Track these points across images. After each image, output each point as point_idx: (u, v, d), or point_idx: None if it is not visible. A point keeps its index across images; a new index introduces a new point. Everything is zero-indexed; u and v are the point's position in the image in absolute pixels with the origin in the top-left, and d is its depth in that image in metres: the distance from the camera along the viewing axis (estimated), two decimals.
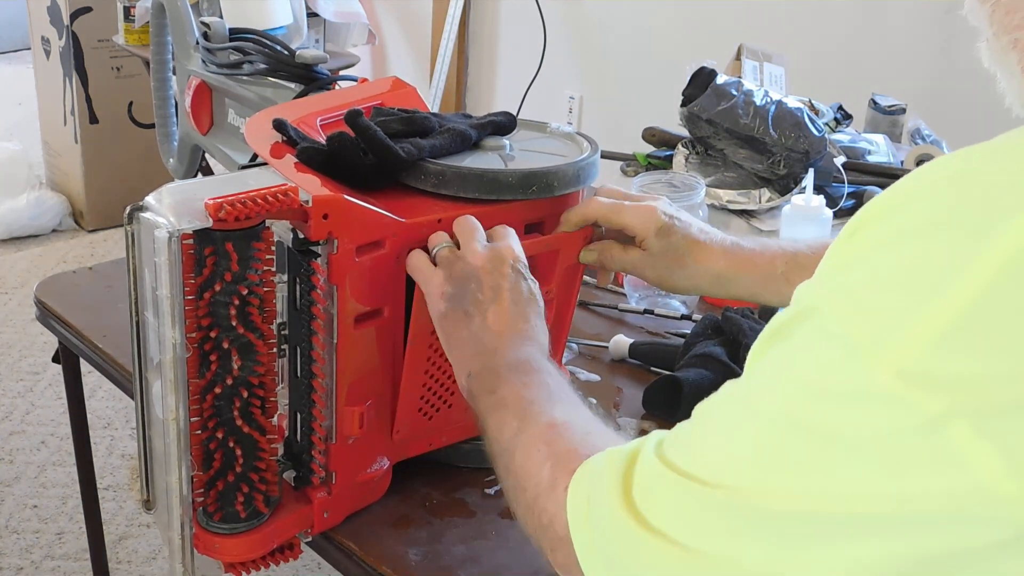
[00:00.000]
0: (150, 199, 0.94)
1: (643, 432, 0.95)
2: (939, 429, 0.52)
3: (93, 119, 3.66)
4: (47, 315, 1.53)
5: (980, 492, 0.52)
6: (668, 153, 2.16)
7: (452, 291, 0.98)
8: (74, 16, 3.57)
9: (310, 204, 0.96)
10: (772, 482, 0.59)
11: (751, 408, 0.63)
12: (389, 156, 1.05)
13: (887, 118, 2.31)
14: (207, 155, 1.65)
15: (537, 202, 1.09)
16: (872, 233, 0.59)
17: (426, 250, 1.03)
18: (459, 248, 1.01)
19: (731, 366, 1.28)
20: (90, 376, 2.02)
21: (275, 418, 1.02)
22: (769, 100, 2.00)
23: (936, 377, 0.53)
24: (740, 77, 2.19)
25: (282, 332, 1.04)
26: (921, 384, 0.53)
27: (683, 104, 2.02)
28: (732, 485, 0.61)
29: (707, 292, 1.16)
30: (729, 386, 0.65)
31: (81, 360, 1.55)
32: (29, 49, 4.01)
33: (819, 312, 0.59)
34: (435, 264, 1.01)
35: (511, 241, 1.02)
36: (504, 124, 1.17)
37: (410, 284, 1.04)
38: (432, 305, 1.00)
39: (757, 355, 0.64)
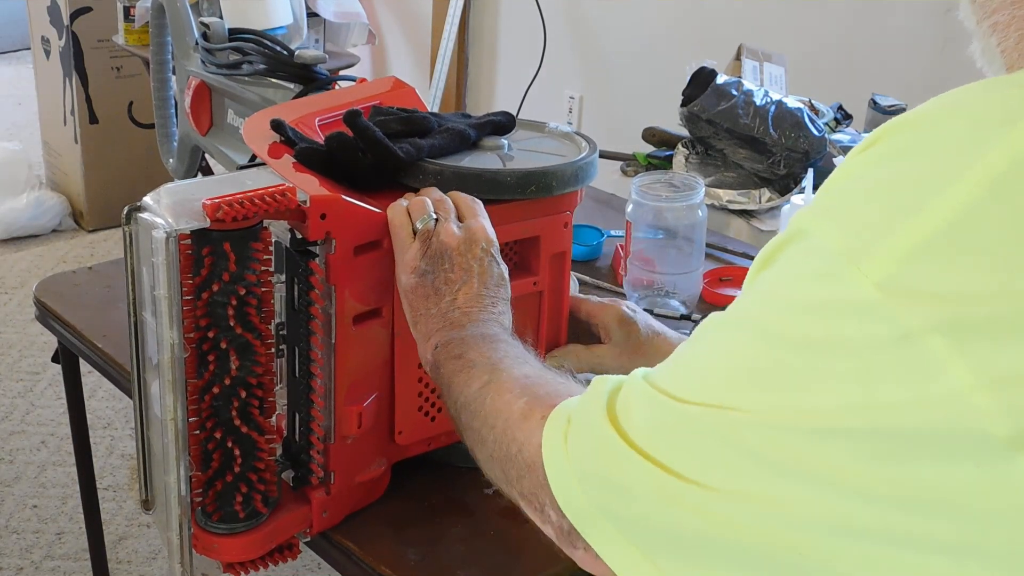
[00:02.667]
0: (148, 199, 0.94)
1: None
2: (915, 341, 0.53)
3: (93, 119, 3.66)
4: (47, 315, 1.53)
5: (952, 402, 0.52)
6: (668, 153, 2.17)
7: (425, 267, 0.99)
8: (74, 16, 3.57)
9: (308, 204, 0.96)
10: (745, 398, 0.59)
11: (731, 327, 0.63)
12: (388, 156, 1.05)
13: (887, 118, 2.29)
14: (207, 155, 1.65)
15: (536, 202, 1.09)
16: (869, 153, 0.60)
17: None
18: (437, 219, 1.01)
19: None
20: (90, 376, 2.02)
21: (273, 418, 1.02)
22: (769, 100, 2.00)
23: (914, 290, 0.53)
24: (740, 77, 2.19)
25: (280, 332, 1.04)
26: (899, 296, 0.54)
27: (683, 104, 2.02)
28: (706, 402, 0.61)
29: None
30: (716, 312, 0.66)
31: (81, 360, 1.55)
32: (29, 49, 4.01)
33: (806, 233, 0.59)
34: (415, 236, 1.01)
35: (483, 221, 1.02)
36: (503, 124, 1.17)
37: None
38: (402, 275, 1.00)
39: (747, 283, 0.65)
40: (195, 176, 1.72)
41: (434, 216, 1.01)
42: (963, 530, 0.54)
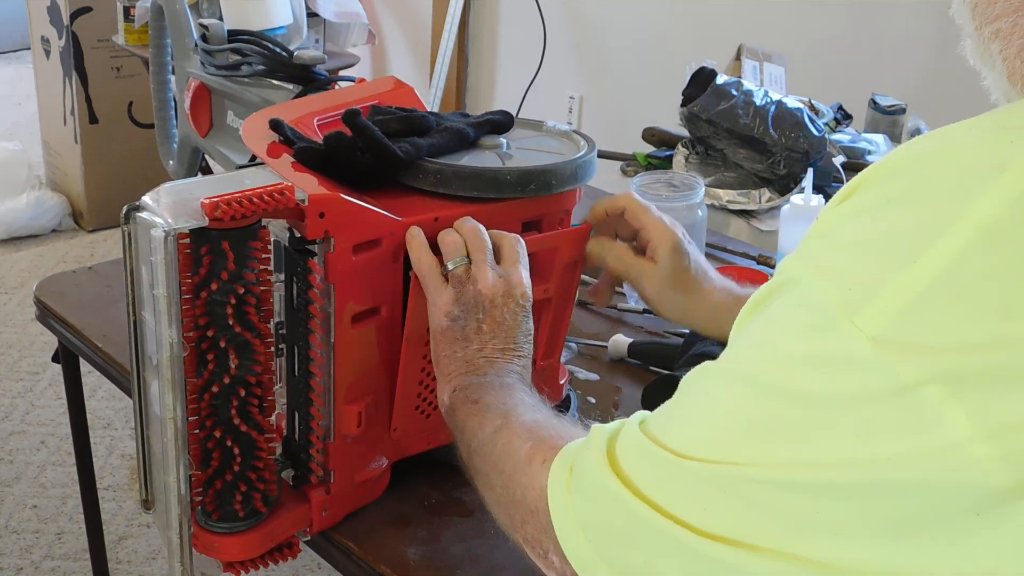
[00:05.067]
0: (147, 199, 0.94)
1: None
2: (912, 393, 0.53)
3: (93, 119, 3.66)
4: (47, 315, 1.53)
5: (951, 454, 0.52)
6: (668, 153, 2.17)
7: (458, 312, 0.98)
8: (74, 16, 3.57)
9: (306, 203, 0.96)
10: (743, 452, 0.59)
11: (726, 379, 0.63)
12: (386, 155, 1.05)
13: (887, 118, 2.31)
14: (206, 157, 1.65)
15: (534, 200, 1.09)
16: (854, 201, 0.60)
17: (434, 247, 1.02)
18: (470, 260, 1.00)
19: None
20: (90, 376, 2.02)
21: (273, 417, 1.02)
22: (769, 100, 2.00)
23: (910, 343, 0.53)
24: (740, 77, 2.19)
25: (279, 331, 1.04)
26: (895, 349, 0.53)
27: (683, 104, 2.02)
28: (703, 457, 0.61)
29: (697, 323, 1.13)
30: (708, 362, 0.66)
31: (81, 360, 1.55)
32: (29, 49, 4.01)
33: (798, 282, 0.59)
34: (446, 277, 1.00)
35: (522, 269, 1.01)
36: (502, 123, 1.17)
37: (407, 283, 1.04)
38: (434, 317, 1.00)
39: (737, 328, 0.65)
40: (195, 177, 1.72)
41: (467, 260, 1.00)
42: (967, 572, 0.54)
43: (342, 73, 2.53)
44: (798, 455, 0.57)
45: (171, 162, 1.71)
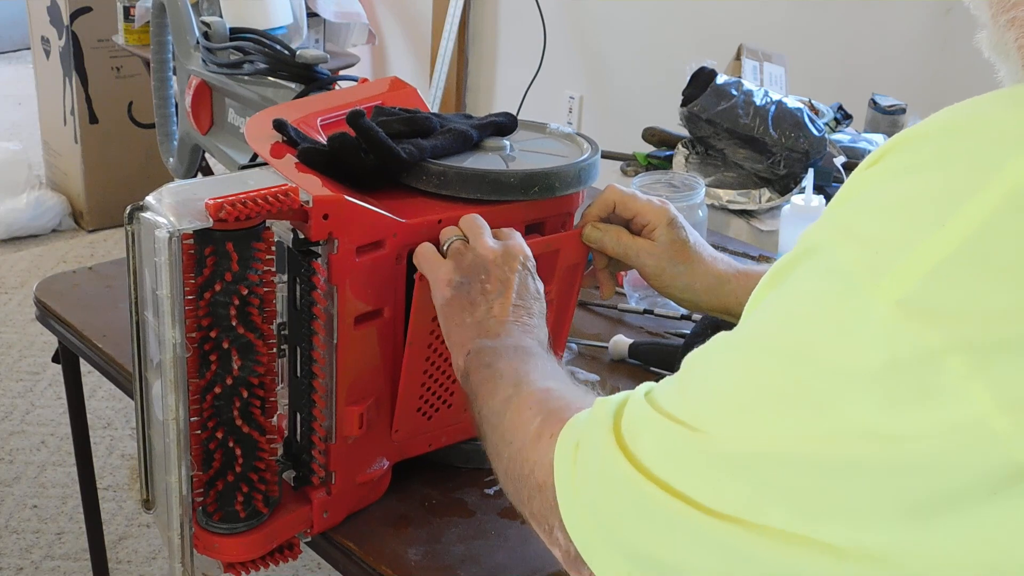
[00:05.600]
0: (150, 199, 0.94)
1: None
2: (934, 362, 0.52)
3: (93, 119, 3.66)
4: (47, 315, 1.53)
5: (973, 427, 0.51)
6: (668, 153, 2.17)
7: (460, 280, 0.98)
8: (74, 16, 3.57)
9: (310, 204, 0.96)
10: (757, 424, 0.58)
11: (741, 347, 0.62)
12: (390, 157, 1.05)
13: (887, 118, 2.31)
14: (207, 155, 1.65)
15: (538, 203, 1.09)
16: (881, 167, 0.59)
17: (436, 245, 1.03)
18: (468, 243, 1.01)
19: None
20: (90, 376, 2.02)
21: (275, 418, 1.02)
22: (769, 100, 2.00)
23: (934, 309, 0.52)
24: (740, 77, 2.19)
25: (282, 332, 1.04)
26: (918, 316, 0.52)
27: (683, 104, 2.02)
28: (715, 429, 0.60)
29: (697, 297, 1.13)
30: (722, 332, 0.64)
31: (81, 360, 1.55)
32: (29, 49, 4.01)
33: (819, 250, 0.58)
34: (445, 255, 1.01)
35: (520, 240, 1.02)
36: (505, 125, 1.17)
37: (410, 285, 1.04)
38: (437, 292, 1.00)
39: (754, 302, 0.64)
40: (195, 175, 1.71)
41: (457, 237, 1.01)
42: (980, 559, 0.53)
43: (343, 73, 2.53)
44: (816, 427, 0.55)
45: (171, 159, 1.71)
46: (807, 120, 1.99)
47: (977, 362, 0.51)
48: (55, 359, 1.62)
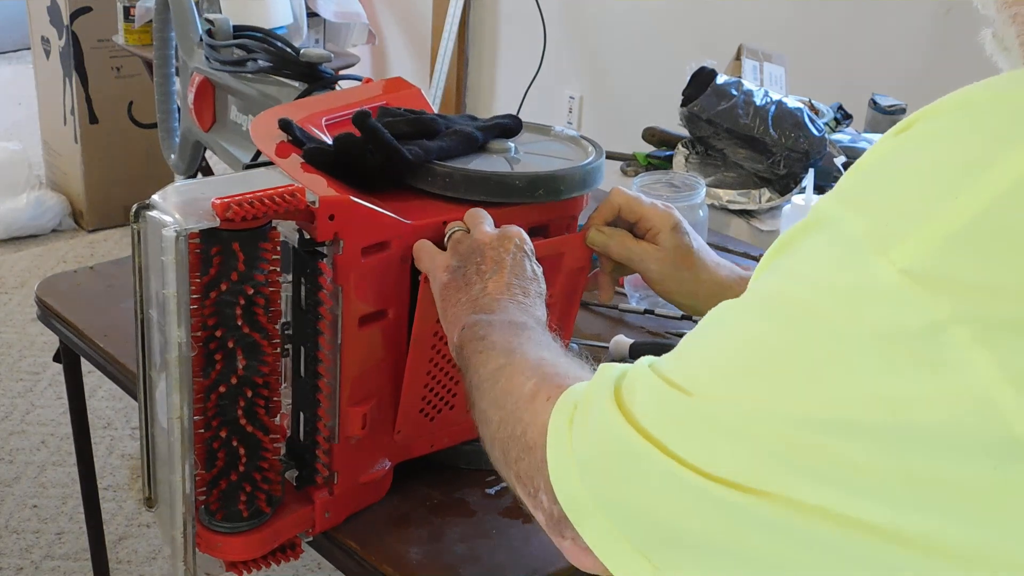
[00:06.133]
0: (156, 198, 0.94)
1: None
2: (940, 333, 0.51)
3: (93, 119, 3.66)
4: (48, 315, 1.53)
5: (976, 398, 0.51)
6: (668, 153, 2.17)
7: (456, 264, 0.98)
8: (74, 16, 3.57)
9: (317, 205, 0.96)
10: (759, 386, 0.57)
11: (744, 310, 0.61)
12: (396, 158, 1.05)
13: (887, 118, 2.31)
14: (207, 152, 1.65)
15: (543, 205, 1.10)
16: (898, 139, 0.58)
17: (440, 247, 1.03)
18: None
19: None
20: (90, 376, 2.02)
21: (278, 418, 1.02)
22: (769, 100, 2.00)
23: (942, 280, 0.52)
24: (740, 77, 2.19)
25: (286, 332, 1.04)
26: (927, 285, 0.52)
27: (683, 104, 2.02)
28: (717, 394, 0.60)
29: (700, 303, 1.13)
30: (726, 301, 0.64)
31: (82, 360, 1.55)
32: (29, 49, 4.00)
33: (832, 220, 0.57)
34: (445, 247, 1.02)
35: (518, 228, 1.02)
36: (510, 127, 1.17)
37: (415, 286, 1.05)
38: (435, 280, 1.00)
39: (760, 270, 0.63)
40: (196, 173, 1.72)
41: (458, 228, 1.02)
42: (977, 535, 0.52)
43: (345, 73, 2.53)
44: (816, 389, 0.55)
45: (172, 156, 1.71)
46: (807, 120, 1.99)
47: (983, 335, 0.51)
48: (56, 358, 1.62)
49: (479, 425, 0.86)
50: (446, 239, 1.02)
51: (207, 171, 3.02)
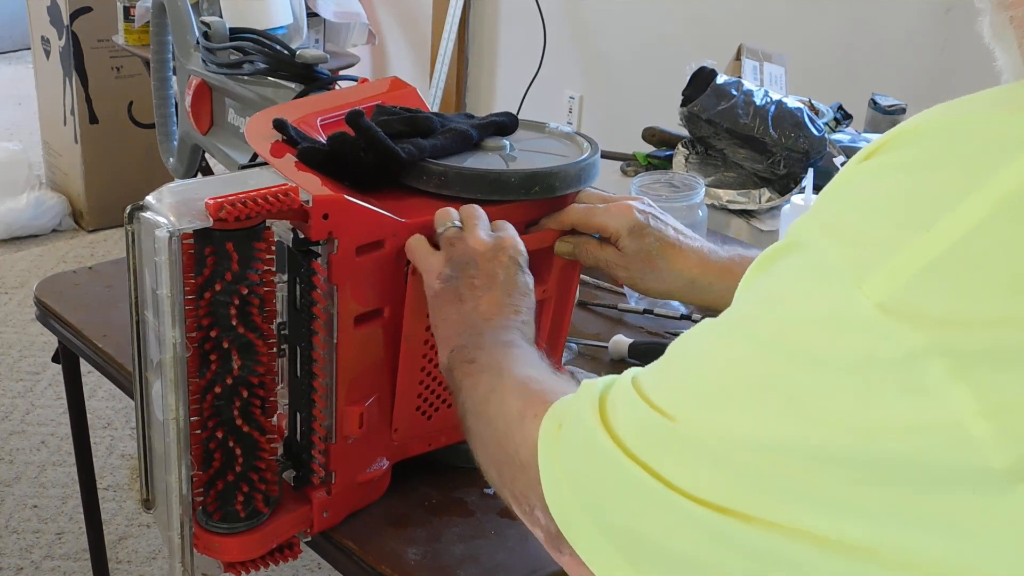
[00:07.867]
0: (150, 199, 0.94)
1: None
2: (915, 364, 0.51)
3: (93, 119, 3.66)
4: (47, 315, 1.53)
5: (950, 429, 0.51)
6: (668, 153, 2.17)
7: (449, 272, 0.98)
8: (74, 16, 3.57)
9: (311, 204, 0.96)
10: (735, 411, 0.58)
11: (723, 335, 0.62)
12: (390, 156, 1.05)
13: (887, 118, 2.31)
14: (207, 155, 1.65)
15: (538, 202, 1.09)
16: (873, 163, 0.58)
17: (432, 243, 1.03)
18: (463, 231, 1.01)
19: None
20: (90, 376, 2.02)
21: (275, 418, 1.02)
22: (769, 100, 2.00)
23: (917, 312, 0.52)
24: (740, 77, 2.19)
25: (282, 332, 1.04)
26: (901, 317, 0.52)
27: (683, 104, 2.02)
28: (691, 416, 0.60)
29: (680, 298, 1.15)
30: (707, 319, 0.64)
31: (81, 360, 1.55)
32: (29, 49, 4.01)
33: (807, 245, 0.58)
34: (439, 243, 1.01)
35: (512, 233, 1.02)
36: (506, 124, 1.17)
37: None
38: (428, 283, 1.00)
39: (743, 287, 0.63)
40: (195, 175, 1.72)
41: (457, 224, 1.01)
42: (957, 555, 0.52)
43: (343, 73, 2.53)
44: (794, 416, 0.55)
45: (171, 159, 1.71)
46: (807, 120, 1.99)
47: (959, 368, 0.51)
48: (55, 359, 1.62)
49: (474, 449, 0.87)
50: (438, 234, 1.02)
51: (207, 173, 3.02)
